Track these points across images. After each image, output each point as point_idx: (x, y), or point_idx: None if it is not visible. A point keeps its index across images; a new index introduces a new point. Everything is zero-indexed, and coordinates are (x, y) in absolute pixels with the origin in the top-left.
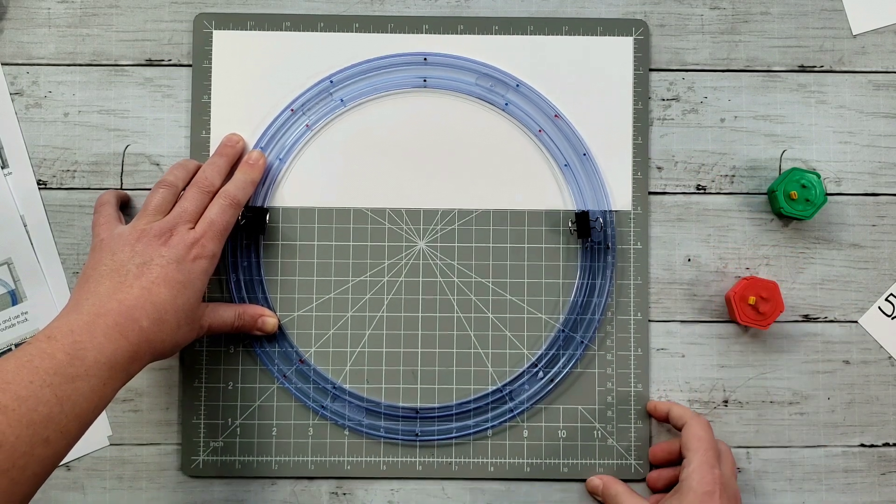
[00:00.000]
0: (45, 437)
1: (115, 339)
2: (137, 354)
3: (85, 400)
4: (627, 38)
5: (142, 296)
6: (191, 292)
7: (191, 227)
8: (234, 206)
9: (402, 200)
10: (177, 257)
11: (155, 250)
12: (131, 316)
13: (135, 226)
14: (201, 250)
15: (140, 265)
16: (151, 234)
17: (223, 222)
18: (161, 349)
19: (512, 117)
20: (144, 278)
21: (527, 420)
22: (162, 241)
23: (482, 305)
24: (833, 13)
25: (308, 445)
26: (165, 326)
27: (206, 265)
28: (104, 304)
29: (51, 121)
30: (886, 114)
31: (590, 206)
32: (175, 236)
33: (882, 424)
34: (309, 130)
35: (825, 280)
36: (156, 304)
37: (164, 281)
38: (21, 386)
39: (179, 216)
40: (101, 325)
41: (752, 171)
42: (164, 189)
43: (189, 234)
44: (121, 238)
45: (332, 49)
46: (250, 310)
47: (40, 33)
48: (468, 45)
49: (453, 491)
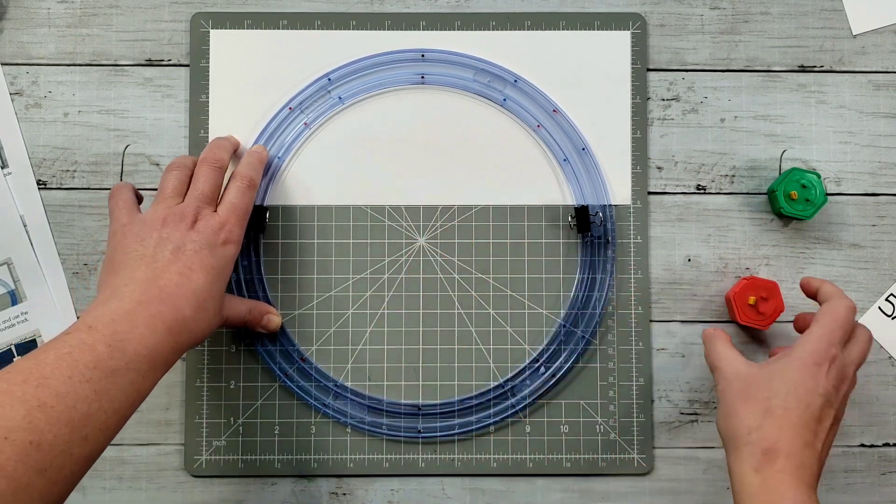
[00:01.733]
0: (83, 436)
1: (157, 330)
2: (178, 345)
3: (124, 394)
4: (625, 33)
5: (181, 282)
6: (224, 279)
7: (213, 209)
8: (251, 188)
9: (401, 197)
10: (208, 242)
11: (185, 235)
12: (174, 304)
13: (156, 210)
14: (229, 234)
15: (173, 250)
16: (176, 217)
17: (244, 205)
18: (199, 338)
19: (510, 112)
20: (180, 263)
21: (529, 416)
22: (188, 224)
23: (483, 301)
24: (833, 13)
25: (310, 443)
26: (205, 314)
27: (235, 250)
28: (145, 292)
29: (50, 121)
30: (886, 114)
31: (589, 201)
32: (201, 221)
33: (882, 424)
34: (307, 128)
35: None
36: (195, 291)
37: (201, 266)
38: (60, 381)
39: (198, 198)
40: (143, 314)
41: (752, 171)
42: (178, 170)
43: (215, 219)
44: (144, 223)
45: (330, 47)
46: (260, 306)
47: (40, 33)
48: (466, 41)
49: (453, 491)
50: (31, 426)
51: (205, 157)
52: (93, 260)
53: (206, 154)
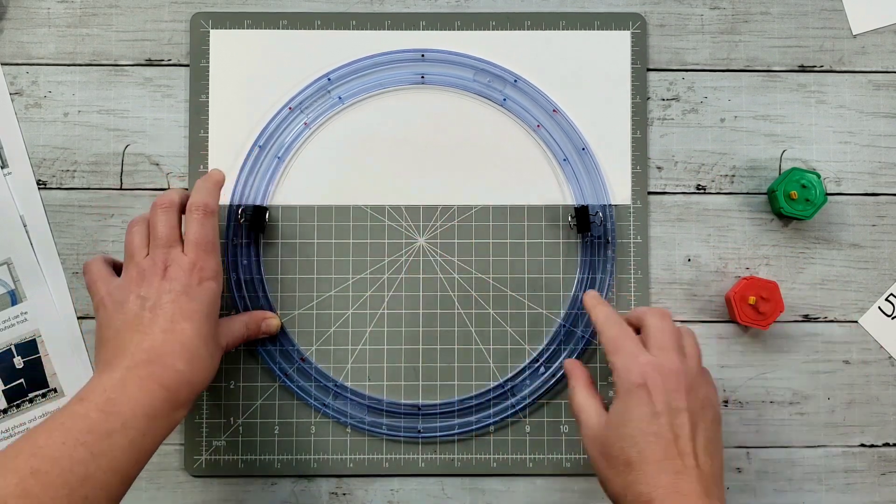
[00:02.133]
0: (83, 496)
1: (151, 390)
2: (178, 400)
3: (123, 454)
4: (625, 33)
5: (167, 339)
6: (211, 318)
7: (180, 250)
8: (208, 215)
9: (401, 197)
10: (183, 287)
11: (159, 286)
12: (164, 363)
13: (127, 271)
14: (201, 272)
15: (152, 308)
16: (147, 271)
17: (207, 236)
18: (200, 387)
19: (510, 112)
20: (162, 319)
21: (529, 415)
22: (160, 274)
23: (483, 301)
24: (833, 13)
25: (310, 443)
26: (200, 362)
27: (214, 285)
28: (133, 357)
29: (50, 121)
30: (886, 114)
31: (589, 201)
32: (171, 266)
33: (882, 424)
34: (307, 128)
35: (825, 280)
36: (183, 343)
37: (183, 316)
38: (53, 448)
39: (161, 245)
40: (133, 378)
41: (752, 171)
42: (138, 226)
43: (184, 260)
44: (120, 288)
45: (330, 47)
46: (255, 316)
47: (40, 33)
48: (466, 41)
49: (453, 491)
50: (24, 492)
51: (155, 202)
52: None
53: (156, 200)
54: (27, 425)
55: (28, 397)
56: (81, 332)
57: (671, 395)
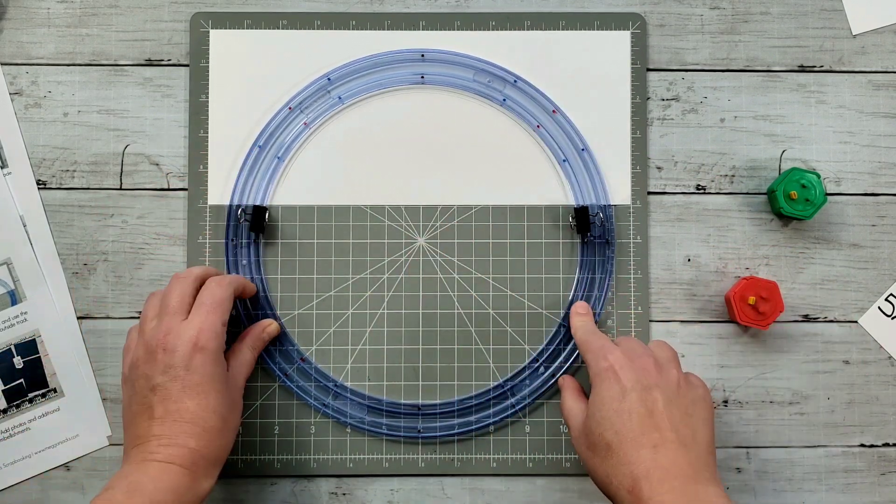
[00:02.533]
0: None
1: (170, 471)
2: (197, 473)
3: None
4: (625, 33)
5: (174, 420)
6: (216, 384)
7: (182, 318)
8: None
9: (401, 197)
10: (181, 359)
11: (160, 363)
12: (175, 444)
13: (137, 345)
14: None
15: (154, 388)
16: (150, 344)
17: (216, 296)
18: (219, 456)
19: (510, 113)
20: (167, 400)
21: (528, 415)
22: (161, 347)
23: (482, 301)
24: (833, 13)
25: (310, 443)
26: (213, 433)
27: (214, 349)
28: (146, 446)
29: (50, 121)
30: (886, 114)
31: (589, 201)
32: (170, 335)
33: (882, 424)
34: (307, 128)
35: (825, 280)
36: (192, 421)
37: (185, 393)
38: None
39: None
40: (152, 463)
41: (752, 171)
42: (155, 298)
43: (184, 328)
44: (133, 367)
45: (330, 47)
46: (254, 333)
47: (40, 33)
48: (465, 41)
49: (453, 491)
50: None
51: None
52: (92, 260)
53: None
54: (27, 425)
55: (28, 397)
56: (81, 332)
57: (639, 373)
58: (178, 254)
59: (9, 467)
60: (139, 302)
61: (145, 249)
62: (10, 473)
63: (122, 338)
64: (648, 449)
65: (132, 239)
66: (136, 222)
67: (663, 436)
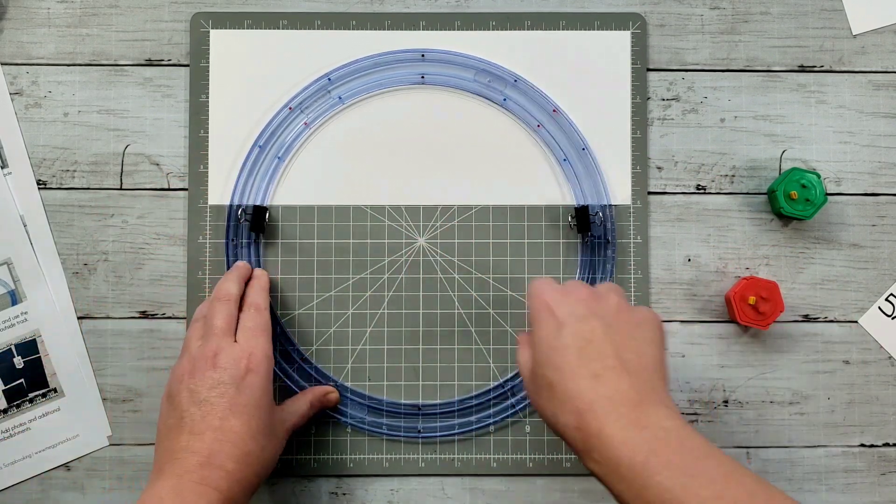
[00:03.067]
0: None
1: (204, 494)
2: (231, 499)
3: None
4: (625, 33)
5: (216, 438)
6: (262, 409)
7: (231, 339)
8: (259, 311)
9: (401, 197)
10: (232, 378)
11: (208, 379)
12: (213, 464)
13: (181, 362)
14: (251, 358)
15: (200, 403)
16: (198, 361)
17: (259, 323)
18: (254, 483)
19: (510, 112)
20: (211, 416)
21: (529, 415)
22: (210, 364)
23: (483, 301)
24: (833, 13)
25: (310, 443)
26: (252, 458)
27: (264, 372)
28: (184, 462)
29: (50, 121)
30: (886, 114)
31: (589, 201)
32: (220, 354)
33: (882, 424)
34: (307, 128)
35: (825, 280)
36: (234, 442)
37: (232, 411)
38: None
39: (215, 334)
40: (187, 484)
41: (752, 171)
42: (199, 322)
43: (234, 348)
44: (175, 381)
45: (330, 46)
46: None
47: (40, 33)
48: (466, 41)
49: (453, 491)
50: None
51: (213, 295)
52: (92, 260)
53: (214, 293)
54: (27, 425)
55: (28, 397)
56: (81, 332)
57: (574, 305)
58: (179, 254)
59: (9, 467)
60: (139, 302)
61: (145, 249)
62: (10, 473)
63: (123, 338)
64: (589, 380)
65: (132, 239)
66: (136, 222)
67: (604, 363)
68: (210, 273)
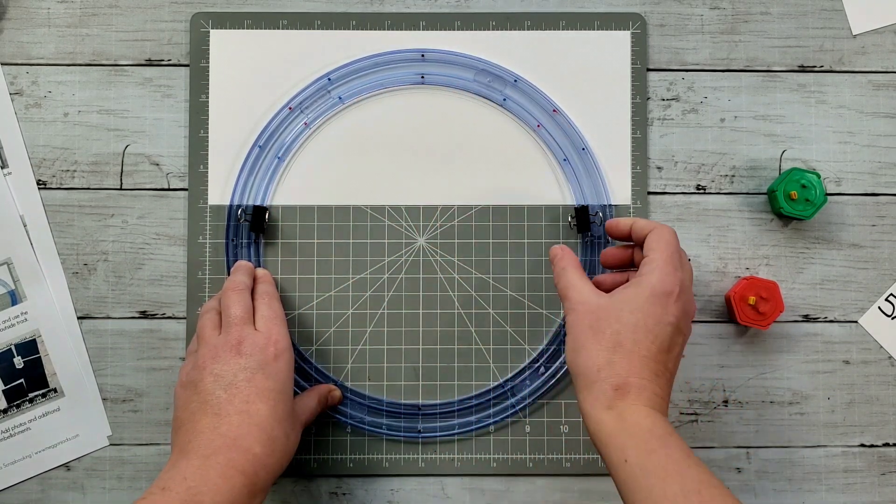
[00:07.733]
0: None
1: (230, 477)
2: (256, 485)
3: None
4: (625, 33)
5: (243, 421)
6: (285, 396)
7: (252, 327)
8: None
9: (401, 197)
10: (259, 364)
11: (235, 363)
12: (241, 447)
13: (201, 350)
14: (276, 345)
15: (227, 387)
16: (221, 349)
17: (276, 312)
18: (277, 470)
19: (510, 112)
20: (237, 399)
21: (529, 416)
22: (234, 350)
23: (483, 301)
24: (833, 13)
25: (310, 444)
26: (277, 444)
27: (288, 359)
28: (210, 443)
29: (50, 121)
30: (886, 114)
31: (589, 201)
32: (245, 342)
33: (882, 424)
34: (307, 128)
35: (825, 280)
36: (260, 425)
37: (258, 395)
38: None
39: (235, 322)
40: (213, 464)
41: (752, 171)
42: (209, 313)
43: (258, 335)
44: (196, 368)
45: (330, 47)
46: (322, 389)
47: (40, 33)
48: (466, 41)
49: (453, 491)
50: None
51: (225, 287)
52: (92, 260)
53: (226, 284)
54: (27, 425)
55: (28, 397)
56: (81, 332)
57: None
58: (179, 254)
59: (9, 467)
60: (139, 302)
61: (145, 249)
62: (10, 473)
63: (123, 338)
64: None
65: (132, 239)
66: (136, 222)
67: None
68: (210, 273)
